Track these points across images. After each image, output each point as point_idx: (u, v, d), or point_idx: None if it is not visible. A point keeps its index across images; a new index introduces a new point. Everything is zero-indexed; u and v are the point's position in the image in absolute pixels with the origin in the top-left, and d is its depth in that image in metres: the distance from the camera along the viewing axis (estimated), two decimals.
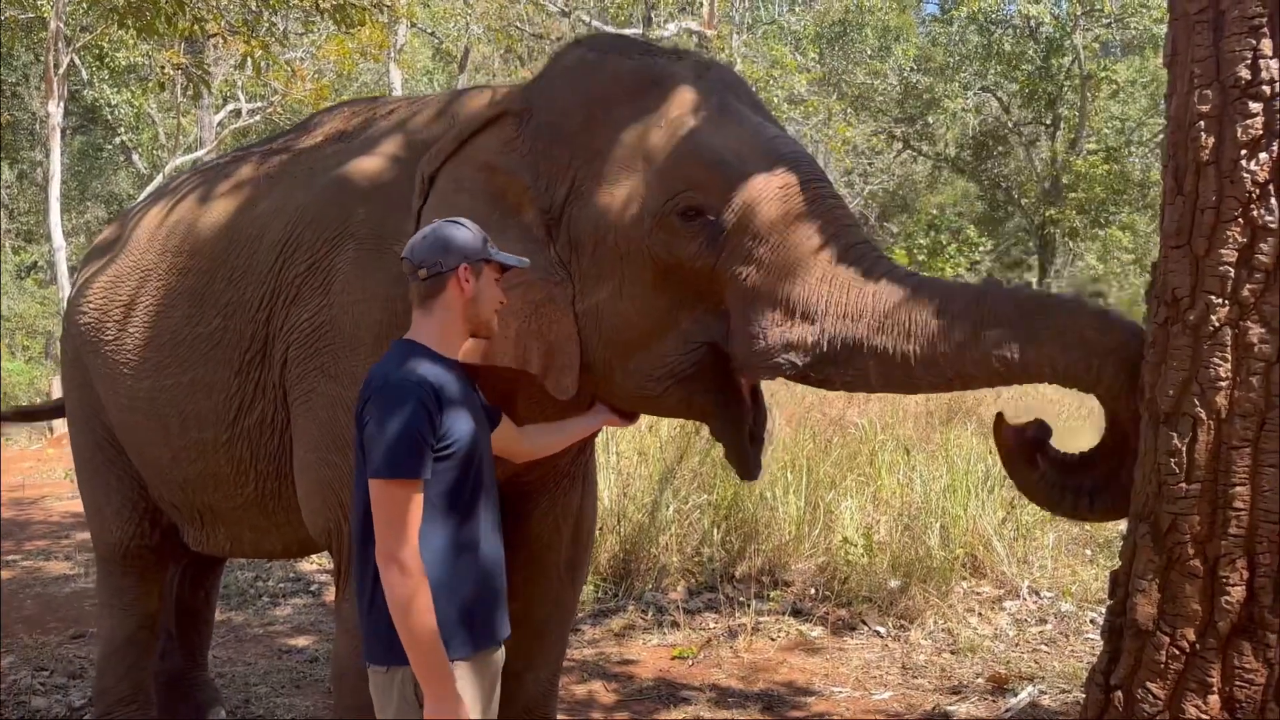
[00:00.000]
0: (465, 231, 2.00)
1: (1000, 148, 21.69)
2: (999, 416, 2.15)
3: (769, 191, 2.17)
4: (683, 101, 2.28)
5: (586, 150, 2.29)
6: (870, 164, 18.93)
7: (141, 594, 3.26)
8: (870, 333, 2.09)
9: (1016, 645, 4.27)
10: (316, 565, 5.79)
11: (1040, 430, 2.11)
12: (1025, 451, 2.11)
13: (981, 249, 16.34)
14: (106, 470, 3.15)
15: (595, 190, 2.27)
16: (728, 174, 2.18)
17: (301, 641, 4.62)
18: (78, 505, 6.68)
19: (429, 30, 18.80)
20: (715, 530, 5.17)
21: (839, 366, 2.14)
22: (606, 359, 2.30)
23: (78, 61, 15.08)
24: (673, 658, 4.21)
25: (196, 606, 3.64)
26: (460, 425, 1.93)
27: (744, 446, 2.33)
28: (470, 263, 1.97)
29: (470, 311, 2.00)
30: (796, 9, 21.20)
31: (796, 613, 4.66)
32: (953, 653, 4.20)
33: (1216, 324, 1.84)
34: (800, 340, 2.13)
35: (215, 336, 2.71)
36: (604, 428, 2.61)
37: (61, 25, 12.54)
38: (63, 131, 14.98)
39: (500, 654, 2.09)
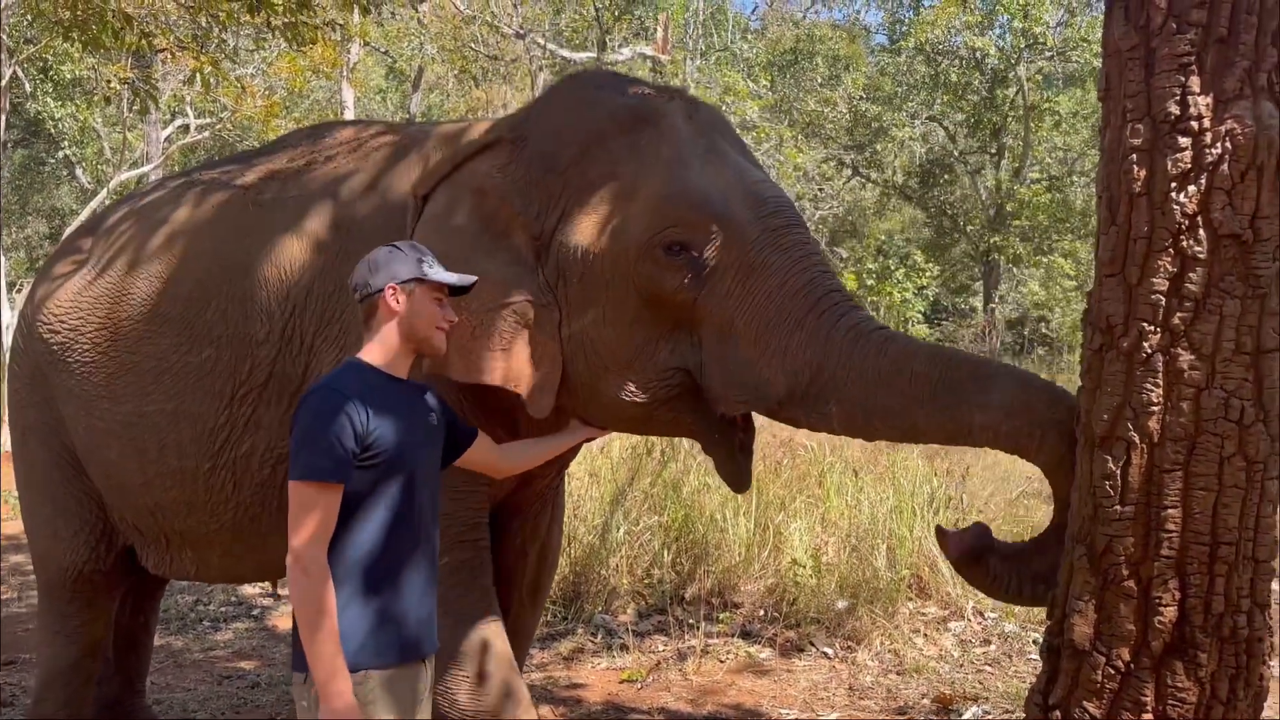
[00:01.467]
0: (397, 253, 2.06)
1: (946, 175, 22.08)
2: (939, 529, 2.25)
3: (752, 235, 2.27)
4: (673, 141, 2.38)
5: (579, 182, 2.38)
6: (820, 190, 19.15)
7: (89, 620, 3.17)
8: (835, 382, 2.18)
9: (961, 666, 4.32)
10: (259, 589, 5.68)
11: (979, 536, 2.18)
12: (971, 556, 2.19)
13: (928, 274, 16.57)
14: (63, 491, 3.07)
15: (585, 220, 2.35)
16: (713, 214, 2.28)
17: (243, 666, 4.53)
18: (10, 528, 6.50)
19: (382, 49, 18.73)
20: (666, 552, 5.17)
21: (805, 409, 2.23)
22: (590, 383, 2.38)
23: (21, 74, 14.78)
24: (621, 681, 4.20)
25: (135, 632, 3.56)
26: (387, 436, 1.94)
27: (735, 459, 2.41)
28: (398, 283, 2.01)
29: (405, 329, 2.04)
30: (749, 37, 21.45)
31: (745, 634, 4.67)
32: (899, 674, 4.23)
33: (1149, 350, 1.90)
34: (770, 381, 2.23)
35: (206, 367, 2.71)
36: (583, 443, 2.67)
37: (4, 37, 12.28)
38: (4, 144, 14.66)
39: (425, 670, 2.06)
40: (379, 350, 2.04)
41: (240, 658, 4.66)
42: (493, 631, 2.50)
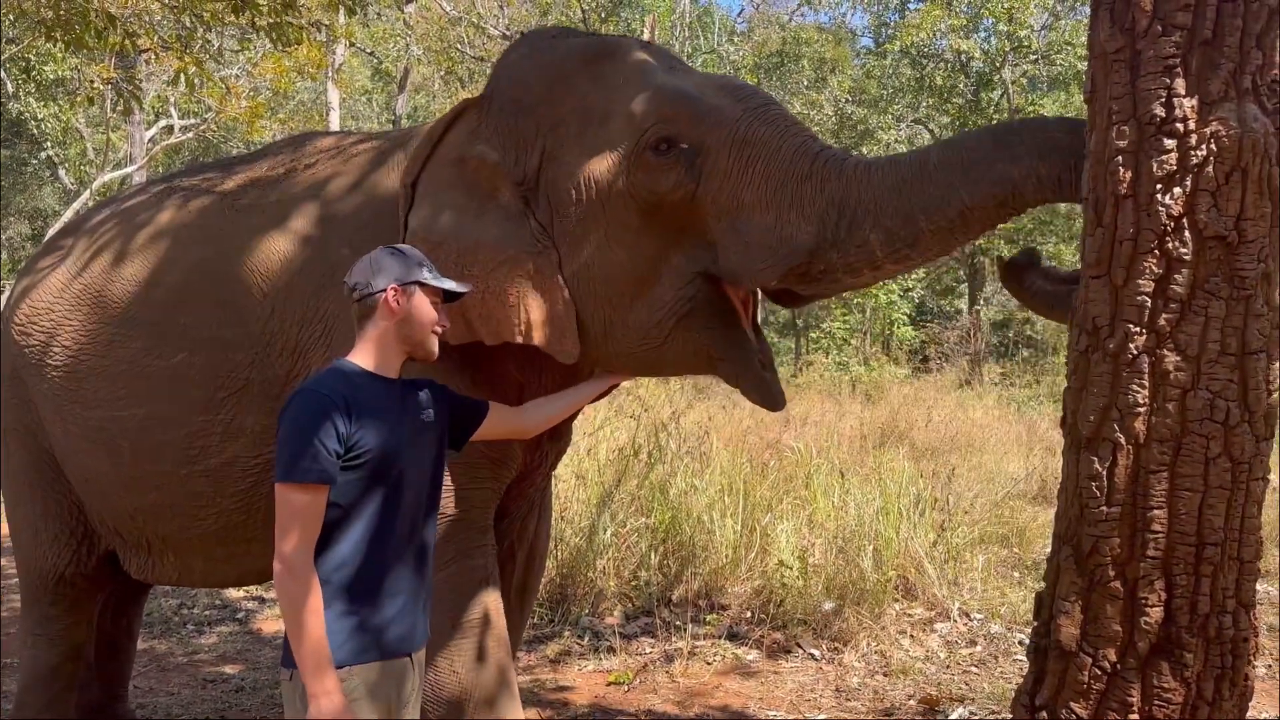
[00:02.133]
0: (399, 255, 2.06)
1: None
2: (999, 259, 2.26)
3: (735, 114, 2.27)
4: (635, 63, 2.41)
5: (551, 117, 2.39)
6: None
7: (71, 623, 3.14)
8: (866, 206, 2.15)
9: (948, 667, 4.33)
10: (244, 593, 5.64)
11: (1026, 255, 2.19)
12: (1015, 275, 2.18)
13: (913, 277, 16.63)
14: (44, 493, 3.04)
15: (566, 151, 2.36)
16: (693, 104, 2.28)
17: (227, 670, 4.49)
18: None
19: (368, 50, 18.68)
20: (653, 554, 5.17)
21: (840, 249, 2.19)
22: (605, 316, 2.37)
23: (3, 74, 14.68)
24: (608, 683, 4.19)
25: (118, 636, 3.52)
26: (372, 437, 1.94)
27: (760, 376, 2.38)
28: (400, 284, 2.02)
29: (403, 332, 2.04)
30: (735, 39, 21.51)
31: (733, 636, 4.67)
32: (885, 675, 4.24)
33: (1135, 352, 1.90)
34: (795, 235, 2.20)
35: (179, 371, 2.68)
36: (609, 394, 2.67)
37: None
38: None
39: (411, 668, 2.06)
40: (372, 350, 2.04)
41: (224, 661, 4.63)
42: (495, 609, 2.52)
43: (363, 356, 2.04)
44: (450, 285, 2.10)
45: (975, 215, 2.12)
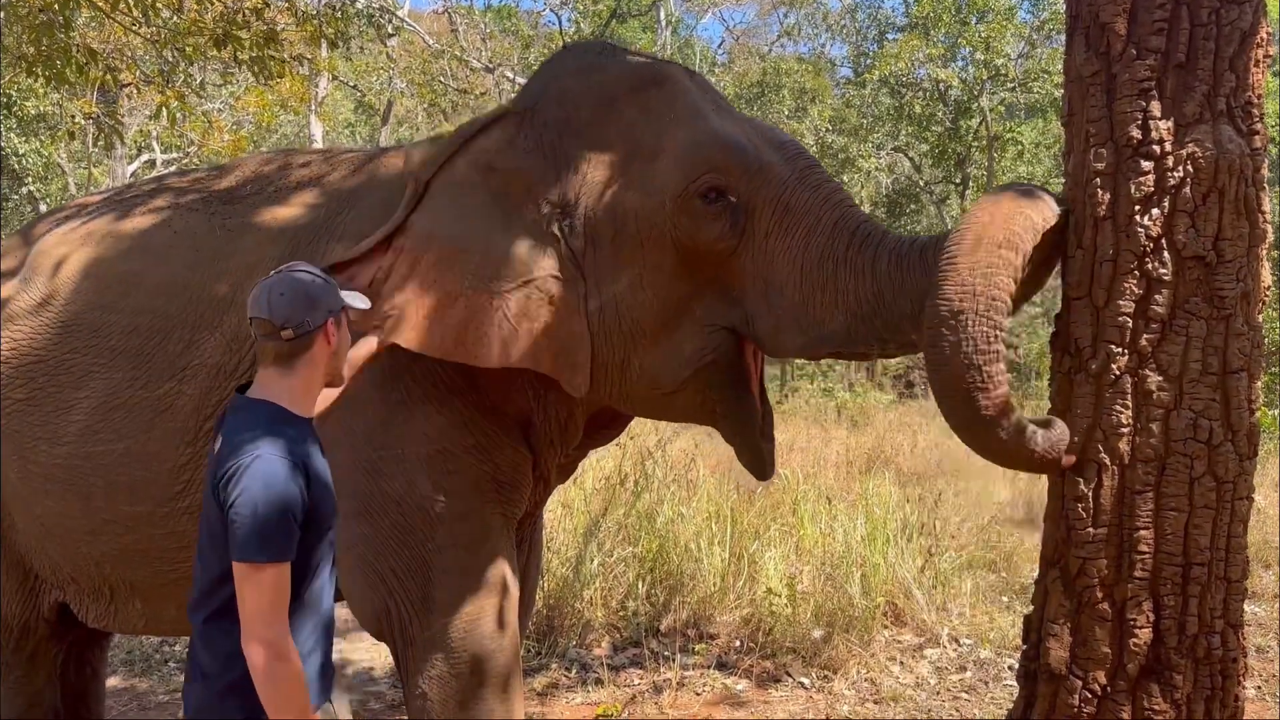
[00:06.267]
0: (324, 281, 1.89)
1: (912, 205, 22.37)
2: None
3: (783, 175, 2.24)
4: (684, 96, 2.36)
5: (599, 142, 2.33)
6: None
7: (29, 671, 2.99)
8: (901, 306, 2.09)
9: (938, 693, 4.30)
10: None
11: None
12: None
13: None
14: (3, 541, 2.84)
15: (611, 181, 2.30)
16: (746, 158, 2.25)
17: None
18: None
19: (351, 84, 18.75)
20: (640, 583, 5.13)
21: (880, 343, 2.17)
22: (623, 356, 2.31)
23: None
24: (597, 716, 4.13)
25: (84, 686, 3.34)
26: (327, 502, 1.85)
27: (757, 444, 2.35)
28: (334, 314, 1.88)
29: (334, 363, 1.91)
30: (716, 70, 21.71)
31: (721, 666, 4.63)
32: (875, 702, 4.21)
33: (1117, 372, 1.91)
34: (829, 319, 2.16)
35: (164, 402, 2.51)
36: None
37: None
38: None
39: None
40: (298, 389, 1.86)
41: None
42: (507, 587, 2.47)
43: (292, 399, 1.86)
44: (360, 303, 1.97)
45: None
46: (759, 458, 2.36)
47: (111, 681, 4.56)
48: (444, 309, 2.28)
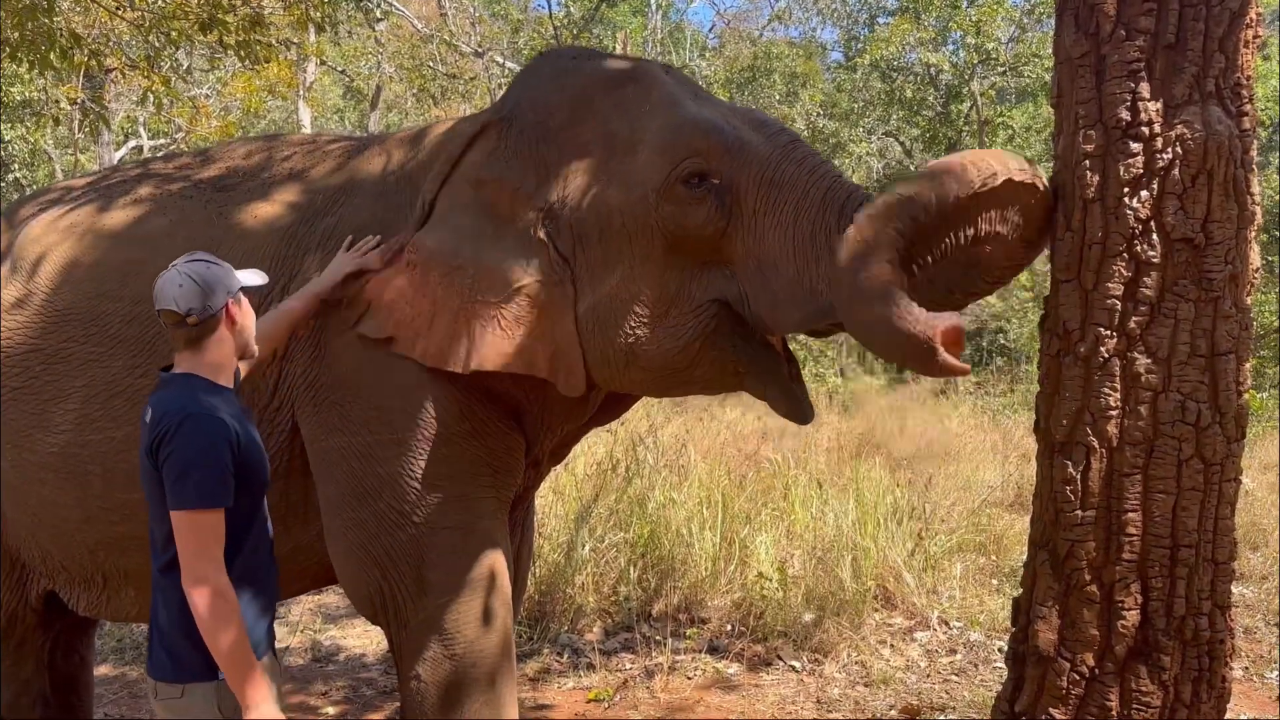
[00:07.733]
0: (217, 268, 2.04)
1: None
2: None
3: (766, 153, 2.25)
4: (659, 88, 2.37)
5: (575, 143, 2.36)
6: None
7: (17, 660, 3.00)
8: None
9: (928, 676, 4.32)
10: None
11: None
12: None
13: None
14: None
15: (591, 180, 2.32)
16: (725, 138, 2.25)
17: None
18: None
19: (339, 69, 18.64)
20: (632, 569, 5.13)
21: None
22: (627, 346, 2.32)
23: None
24: (589, 700, 4.15)
25: (73, 673, 3.34)
26: (254, 453, 2.02)
27: (788, 387, 2.35)
28: (233, 295, 2.04)
29: (240, 340, 2.08)
30: (707, 55, 21.63)
31: (713, 650, 4.64)
32: (866, 685, 4.22)
33: (1106, 355, 1.91)
34: (823, 291, 2.14)
35: None
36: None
37: None
38: None
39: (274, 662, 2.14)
40: (214, 364, 2.05)
41: None
42: (500, 567, 2.50)
43: (210, 374, 2.04)
44: (256, 280, 2.11)
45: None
46: (794, 401, 2.36)
47: (101, 669, 4.55)
48: (447, 322, 2.37)
